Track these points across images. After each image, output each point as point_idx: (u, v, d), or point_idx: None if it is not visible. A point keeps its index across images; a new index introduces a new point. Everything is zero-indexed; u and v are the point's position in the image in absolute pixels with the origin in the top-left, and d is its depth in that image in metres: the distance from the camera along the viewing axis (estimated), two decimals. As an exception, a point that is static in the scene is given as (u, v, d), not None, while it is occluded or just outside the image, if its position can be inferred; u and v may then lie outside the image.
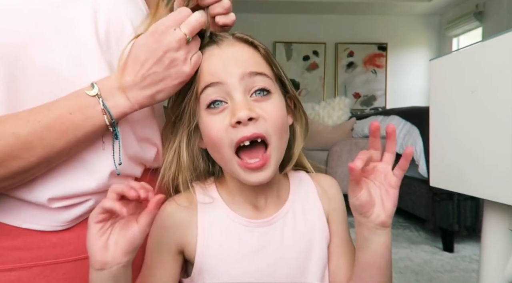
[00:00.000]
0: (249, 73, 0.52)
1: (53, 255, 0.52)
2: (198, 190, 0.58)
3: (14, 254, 0.50)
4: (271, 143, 0.52)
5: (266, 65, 0.55)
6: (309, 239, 0.58)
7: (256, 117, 0.50)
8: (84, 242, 0.44)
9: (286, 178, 0.63)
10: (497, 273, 0.70)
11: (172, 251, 0.56)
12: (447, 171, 0.75)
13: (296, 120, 0.61)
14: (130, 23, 0.56)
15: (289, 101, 0.60)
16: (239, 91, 0.51)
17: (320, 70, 5.40)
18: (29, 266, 0.51)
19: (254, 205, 0.58)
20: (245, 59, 0.53)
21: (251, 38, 0.56)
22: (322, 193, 0.62)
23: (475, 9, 4.48)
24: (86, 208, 0.53)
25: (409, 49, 5.41)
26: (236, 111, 0.50)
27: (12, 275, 0.50)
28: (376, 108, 5.05)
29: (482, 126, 0.65)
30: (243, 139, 0.50)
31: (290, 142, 0.60)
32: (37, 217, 0.51)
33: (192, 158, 0.58)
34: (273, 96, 0.54)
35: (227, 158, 0.52)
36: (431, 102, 0.79)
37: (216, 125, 0.52)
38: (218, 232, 0.56)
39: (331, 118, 3.78)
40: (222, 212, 0.57)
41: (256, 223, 0.56)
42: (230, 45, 0.55)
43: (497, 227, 0.70)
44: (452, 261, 2.07)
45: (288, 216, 0.58)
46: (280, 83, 0.58)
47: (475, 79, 0.67)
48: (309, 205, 0.61)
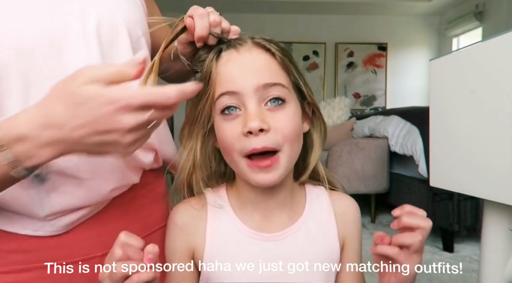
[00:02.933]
0: (264, 85, 0.52)
1: (51, 257, 0.52)
2: (210, 194, 0.58)
3: (13, 257, 0.50)
4: (282, 150, 0.52)
5: (283, 73, 0.55)
6: (318, 261, 0.56)
7: (267, 129, 0.50)
8: (82, 244, 0.43)
9: (303, 190, 0.61)
10: (497, 273, 0.70)
11: (185, 256, 0.56)
12: (447, 171, 0.75)
13: (314, 127, 0.60)
14: (123, 22, 0.55)
15: (308, 107, 0.59)
16: (253, 101, 0.51)
17: (320, 70, 5.40)
18: (28, 269, 0.50)
19: (263, 214, 0.57)
20: (261, 68, 0.53)
21: (269, 44, 0.55)
22: (339, 215, 0.60)
23: (475, 9, 4.48)
24: (83, 213, 0.53)
25: (409, 49, 5.40)
26: (248, 121, 0.50)
27: (11, 277, 0.50)
28: (376, 108, 5.05)
29: (482, 126, 0.65)
30: (253, 151, 0.50)
31: (307, 150, 0.59)
32: (35, 226, 0.51)
33: (205, 157, 0.58)
34: (287, 106, 0.53)
35: (236, 160, 0.53)
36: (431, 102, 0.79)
37: (229, 131, 0.52)
38: (224, 242, 0.55)
39: (331, 118, 3.78)
40: (230, 221, 0.57)
41: (264, 237, 0.55)
42: (248, 51, 0.54)
43: (497, 227, 0.70)
44: (452, 261, 2.07)
45: (300, 233, 0.57)
46: (297, 90, 0.57)
47: (475, 79, 0.67)
48: (324, 225, 0.58)
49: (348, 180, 2.73)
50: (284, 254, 0.55)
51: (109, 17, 0.54)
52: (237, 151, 0.52)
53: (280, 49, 0.55)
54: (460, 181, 0.71)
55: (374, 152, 2.74)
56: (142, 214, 0.61)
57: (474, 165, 0.67)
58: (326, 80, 5.41)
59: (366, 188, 2.75)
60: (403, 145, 2.52)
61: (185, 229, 0.56)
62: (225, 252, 0.55)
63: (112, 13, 0.55)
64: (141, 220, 0.61)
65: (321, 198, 0.61)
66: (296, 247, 0.56)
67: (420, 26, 5.37)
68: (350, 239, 0.60)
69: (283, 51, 0.55)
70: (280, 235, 0.56)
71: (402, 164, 2.72)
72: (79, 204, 0.52)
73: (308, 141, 0.60)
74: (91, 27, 0.52)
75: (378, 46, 5.39)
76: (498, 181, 0.62)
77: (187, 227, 0.56)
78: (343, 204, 0.61)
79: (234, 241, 0.55)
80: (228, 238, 0.56)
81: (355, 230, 0.60)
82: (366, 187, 2.75)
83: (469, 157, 0.68)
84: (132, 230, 0.58)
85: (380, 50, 5.39)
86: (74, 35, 0.50)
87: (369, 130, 3.04)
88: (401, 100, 5.21)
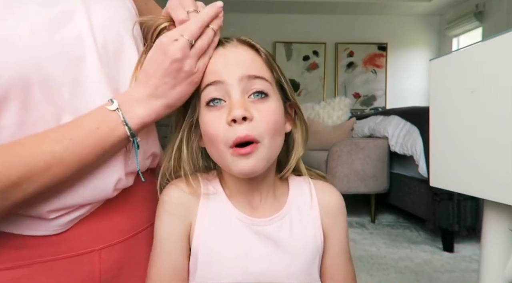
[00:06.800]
0: (248, 76, 0.54)
1: (52, 252, 0.52)
2: (203, 180, 0.60)
3: (13, 253, 0.50)
4: (262, 142, 0.54)
5: (267, 69, 0.57)
6: (301, 250, 0.59)
7: (250, 117, 0.52)
8: (82, 239, 0.45)
9: (286, 182, 0.64)
10: (497, 273, 0.70)
11: (178, 238, 0.57)
12: (447, 171, 0.75)
13: (296, 128, 0.62)
14: (125, 31, 0.57)
15: (290, 108, 0.62)
16: (237, 91, 0.54)
17: (320, 70, 5.40)
18: (28, 264, 0.51)
19: (249, 203, 0.59)
20: (246, 61, 0.56)
21: (253, 42, 0.58)
22: (322, 205, 0.62)
23: (475, 9, 4.48)
24: (84, 211, 0.54)
25: (409, 49, 5.41)
26: (232, 109, 0.52)
27: (12, 273, 0.50)
28: (376, 108, 5.05)
29: (482, 126, 0.65)
30: (237, 140, 0.52)
31: (289, 149, 0.62)
32: (36, 226, 0.51)
33: (191, 155, 0.60)
34: (270, 99, 0.56)
35: (222, 151, 0.54)
36: (431, 102, 0.79)
37: (214, 121, 0.54)
38: (216, 225, 0.57)
39: (331, 118, 3.78)
40: (223, 205, 0.58)
41: (253, 221, 0.58)
42: (233, 47, 0.57)
43: (497, 227, 0.70)
44: (452, 261, 2.07)
45: (285, 219, 0.59)
46: (280, 89, 0.59)
47: (475, 79, 0.67)
48: (306, 215, 0.61)
49: (348, 180, 2.73)
50: (273, 239, 0.57)
51: (114, 28, 0.56)
52: (222, 141, 0.53)
53: (264, 48, 0.58)
54: (460, 181, 0.71)
55: (374, 152, 2.75)
56: (140, 207, 0.62)
57: (474, 165, 0.67)
58: (326, 80, 5.42)
59: (366, 188, 2.75)
60: (403, 145, 2.52)
61: (178, 212, 0.57)
62: (215, 233, 0.57)
63: (116, 24, 0.57)
64: (140, 213, 0.62)
65: (304, 189, 0.63)
66: (280, 235, 0.58)
67: (420, 26, 5.38)
68: (333, 229, 0.62)
69: (267, 51, 0.59)
70: (268, 221, 0.58)
71: (402, 164, 2.72)
72: (83, 202, 0.53)
73: (290, 142, 0.62)
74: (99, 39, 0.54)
75: (378, 46, 5.39)
76: (498, 181, 0.62)
77: (180, 210, 0.57)
78: (326, 195, 0.63)
79: (226, 223, 0.57)
80: (220, 221, 0.57)
81: (338, 221, 0.62)
82: (366, 187, 2.75)
83: (469, 157, 0.68)
84: (132, 222, 0.60)
85: (380, 50, 5.40)
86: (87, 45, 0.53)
87: (369, 130, 3.04)
88: (401, 100, 5.21)
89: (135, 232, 0.60)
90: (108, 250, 0.56)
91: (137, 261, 0.60)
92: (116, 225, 0.58)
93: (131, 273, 0.59)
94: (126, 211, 0.59)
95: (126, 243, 0.58)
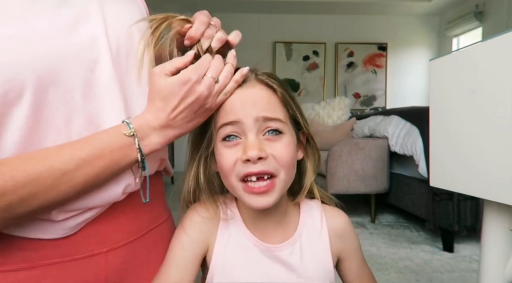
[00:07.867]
0: (263, 117, 0.56)
1: (59, 254, 0.52)
2: (221, 204, 0.63)
3: (21, 255, 0.50)
4: (279, 176, 0.56)
5: (282, 108, 0.59)
6: (312, 276, 0.61)
7: (265, 156, 0.55)
8: (89, 241, 0.45)
9: (297, 209, 0.65)
10: (497, 273, 0.70)
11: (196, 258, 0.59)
12: (447, 171, 0.75)
13: (307, 156, 0.64)
14: (137, 31, 0.57)
15: (302, 136, 0.63)
16: (253, 131, 0.56)
17: (320, 70, 5.40)
18: (36, 266, 0.51)
19: (262, 229, 0.62)
20: (262, 102, 0.57)
21: (271, 81, 0.59)
22: (332, 230, 0.64)
23: (475, 9, 4.48)
24: (92, 214, 0.54)
25: (409, 49, 5.41)
26: (248, 149, 0.54)
27: (19, 275, 0.50)
28: (376, 108, 5.05)
29: (482, 126, 0.65)
30: (250, 173, 0.54)
31: (301, 174, 0.64)
32: (45, 229, 0.51)
33: (208, 180, 0.63)
34: (284, 136, 0.58)
35: (234, 185, 0.57)
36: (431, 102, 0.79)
37: (229, 157, 0.56)
38: (233, 250, 0.60)
39: (331, 118, 3.78)
40: (240, 230, 0.61)
41: (266, 247, 0.60)
42: (251, 87, 0.59)
43: (497, 227, 0.70)
44: (452, 261, 2.07)
45: (296, 245, 0.61)
46: (294, 122, 0.61)
47: (475, 79, 0.67)
48: (316, 236, 0.63)
49: (348, 180, 2.73)
50: (284, 265, 0.60)
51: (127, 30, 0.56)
52: (234, 175, 0.56)
53: (280, 84, 0.60)
54: (460, 181, 0.71)
55: (374, 152, 2.74)
56: (145, 209, 0.62)
57: (474, 165, 0.67)
58: (326, 80, 5.42)
59: (366, 188, 2.75)
60: (403, 145, 2.52)
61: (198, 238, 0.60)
62: (231, 256, 0.59)
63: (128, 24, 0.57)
64: (144, 215, 0.62)
65: (314, 214, 0.65)
66: (292, 260, 0.60)
67: (420, 26, 5.38)
68: (347, 251, 0.65)
69: (283, 86, 0.60)
70: (279, 248, 0.61)
71: (402, 164, 2.72)
72: (92, 205, 0.53)
73: (302, 167, 0.64)
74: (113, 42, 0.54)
75: (378, 46, 5.39)
76: (498, 181, 0.62)
77: (200, 235, 0.60)
78: (335, 220, 0.65)
79: (241, 246, 0.60)
80: (236, 245, 0.60)
81: (350, 243, 0.65)
82: (366, 187, 2.75)
83: (469, 157, 0.68)
84: (137, 224, 0.60)
85: (380, 50, 5.40)
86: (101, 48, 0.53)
87: (369, 130, 3.04)
88: (401, 100, 5.21)
89: (141, 234, 0.61)
90: (114, 252, 0.56)
91: (142, 263, 0.60)
92: (122, 227, 0.58)
93: (136, 274, 0.59)
94: (132, 213, 0.60)
95: (131, 245, 0.59)
